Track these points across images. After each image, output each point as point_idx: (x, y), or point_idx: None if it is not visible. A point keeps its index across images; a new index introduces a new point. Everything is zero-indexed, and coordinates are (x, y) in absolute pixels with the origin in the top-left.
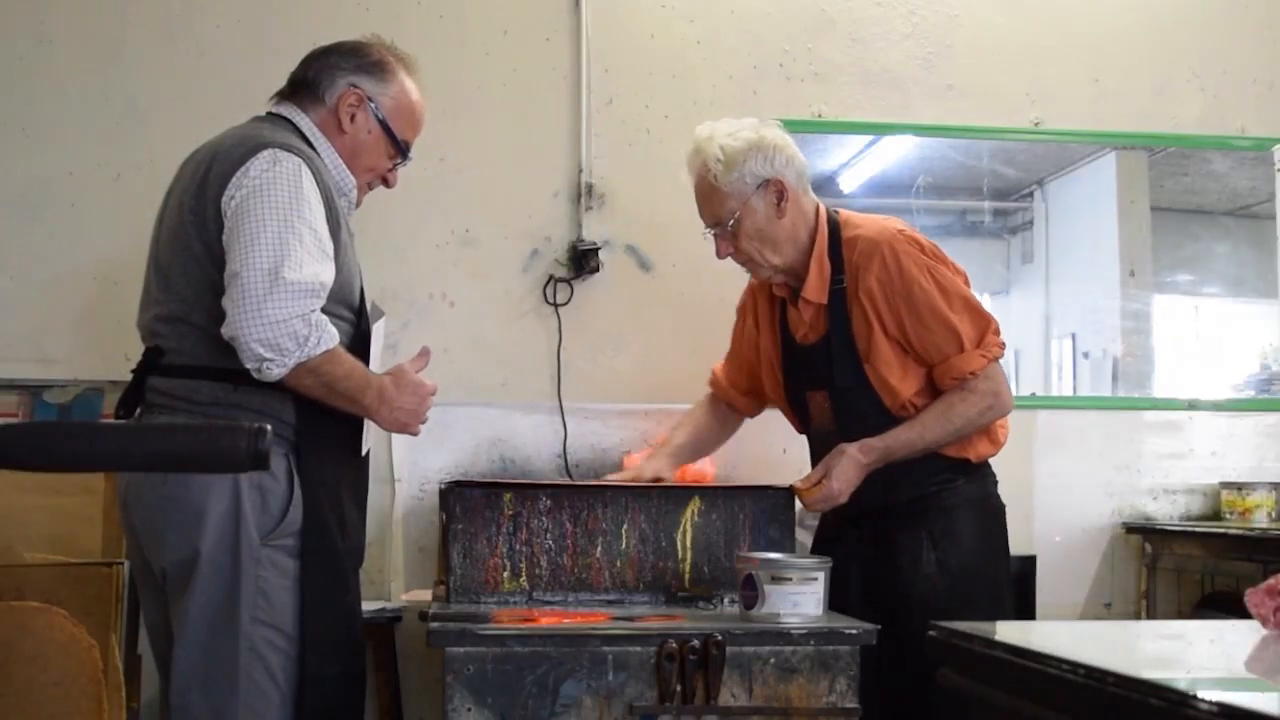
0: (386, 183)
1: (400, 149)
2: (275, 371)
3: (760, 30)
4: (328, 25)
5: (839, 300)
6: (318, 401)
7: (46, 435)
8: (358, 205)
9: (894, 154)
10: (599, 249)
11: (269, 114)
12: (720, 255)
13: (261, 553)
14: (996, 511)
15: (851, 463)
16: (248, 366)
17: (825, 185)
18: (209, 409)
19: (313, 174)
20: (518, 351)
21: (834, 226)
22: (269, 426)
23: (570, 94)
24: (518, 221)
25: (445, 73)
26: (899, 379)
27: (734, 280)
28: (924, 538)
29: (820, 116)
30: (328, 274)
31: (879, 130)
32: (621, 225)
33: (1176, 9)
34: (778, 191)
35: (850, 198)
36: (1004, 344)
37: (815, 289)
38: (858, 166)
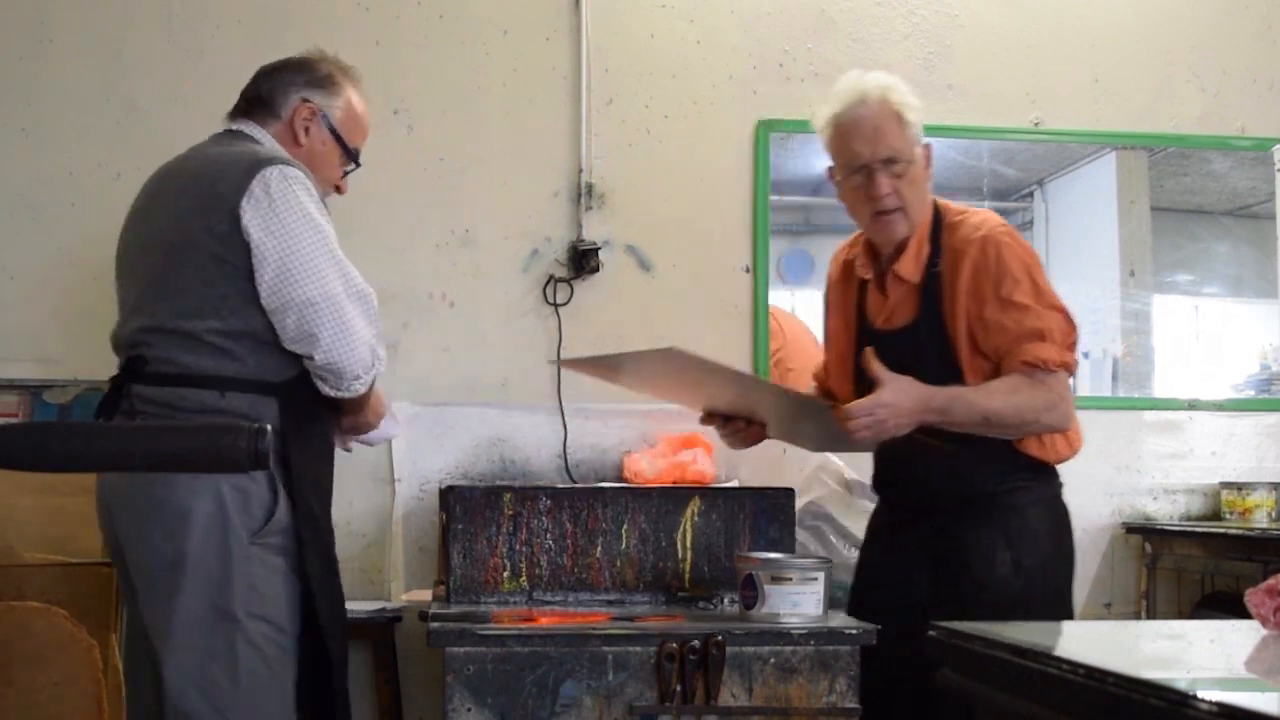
0: (339, 189)
1: (352, 157)
2: (360, 388)
3: (760, 30)
4: (327, 26)
5: (933, 284)
6: (299, 404)
7: (46, 435)
8: (330, 194)
9: None
10: (599, 249)
11: (228, 131)
12: (882, 191)
13: (252, 550)
14: (1064, 515)
15: (909, 396)
16: (337, 389)
17: (825, 185)
18: (195, 415)
19: (313, 184)
20: (518, 351)
21: (937, 212)
22: (269, 426)
23: (570, 94)
24: (518, 221)
25: (445, 72)
26: (969, 366)
27: (734, 281)
28: (998, 536)
29: None
30: (365, 285)
31: None
32: (621, 225)
33: (1176, 9)
34: (927, 157)
35: None
36: (1078, 362)
37: (910, 266)
38: None
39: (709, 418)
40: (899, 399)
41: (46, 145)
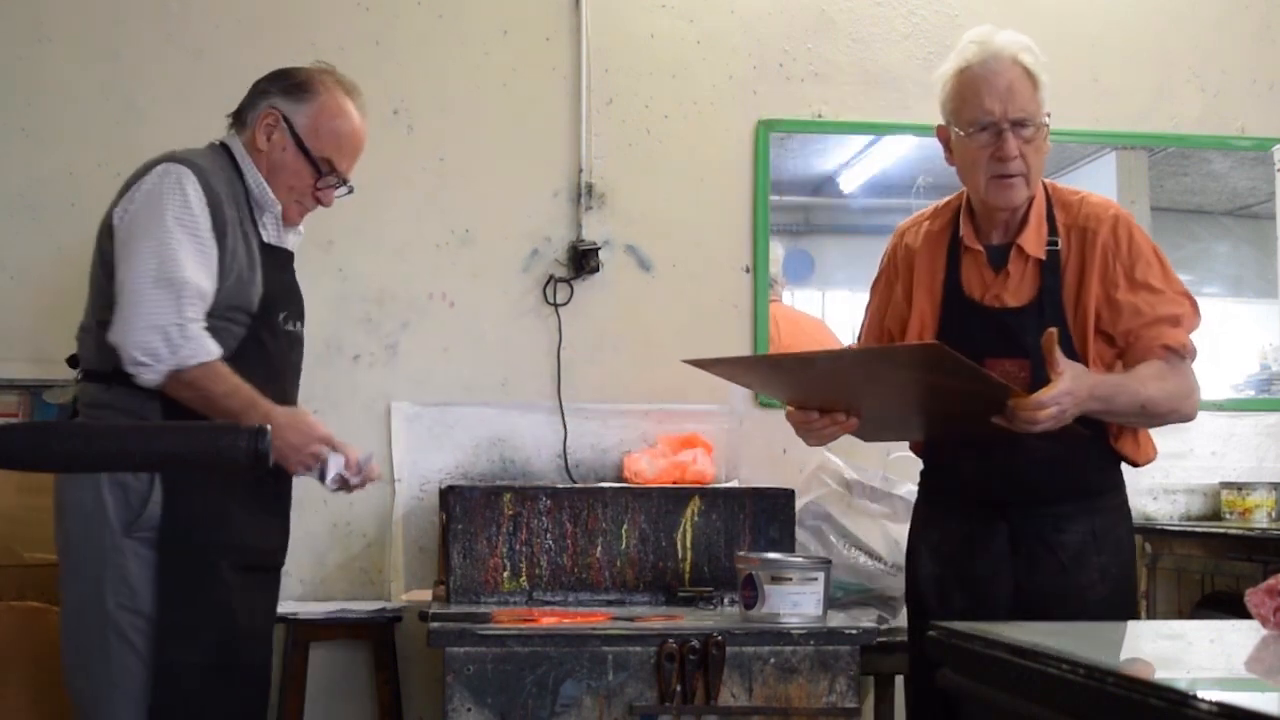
0: (319, 202)
1: (317, 167)
2: (149, 377)
3: (760, 30)
4: (327, 25)
5: (1054, 262)
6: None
7: (46, 435)
8: (293, 223)
9: (894, 154)
10: (599, 249)
11: (213, 144)
12: (1011, 153)
13: (124, 543)
14: (1131, 520)
15: (1083, 384)
16: (128, 370)
17: (825, 185)
18: (89, 410)
19: (202, 182)
20: (518, 351)
21: (1047, 190)
22: (269, 426)
23: (570, 94)
24: (517, 221)
25: (445, 73)
26: (1095, 353)
27: (733, 280)
28: (1089, 539)
29: (820, 116)
30: (207, 282)
31: (879, 130)
32: (621, 225)
33: (1176, 9)
34: (1047, 128)
35: (850, 198)
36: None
37: (1034, 241)
38: (858, 166)
39: (802, 410)
40: (1077, 387)
41: (46, 145)
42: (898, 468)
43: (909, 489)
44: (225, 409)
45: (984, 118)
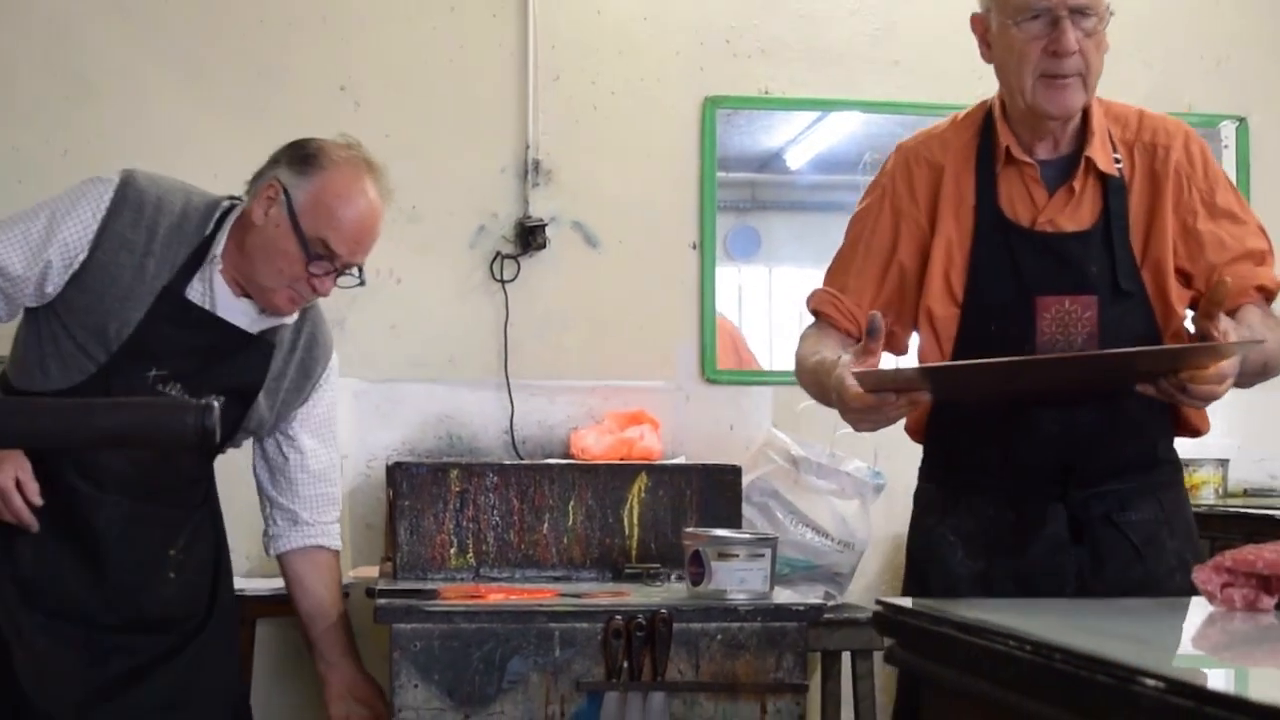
0: (315, 290)
1: (307, 249)
2: None
3: (707, 7)
4: (275, 2)
5: (1118, 181)
6: None
7: None
8: (280, 310)
9: (841, 130)
10: (545, 225)
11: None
12: (1069, 47)
13: None
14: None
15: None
16: None
17: (771, 161)
18: None
19: (117, 197)
20: (464, 328)
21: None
22: (216, 404)
23: (517, 70)
24: (464, 198)
25: (392, 49)
26: (1177, 294)
27: (680, 256)
28: (1160, 520)
29: (767, 93)
30: (16, 263)
31: (825, 106)
32: (568, 201)
33: None
34: (1110, 18)
35: (797, 174)
36: None
37: (1103, 155)
38: (804, 143)
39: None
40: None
41: None
42: (845, 444)
43: (856, 465)
44: None
45: (1037, 3)
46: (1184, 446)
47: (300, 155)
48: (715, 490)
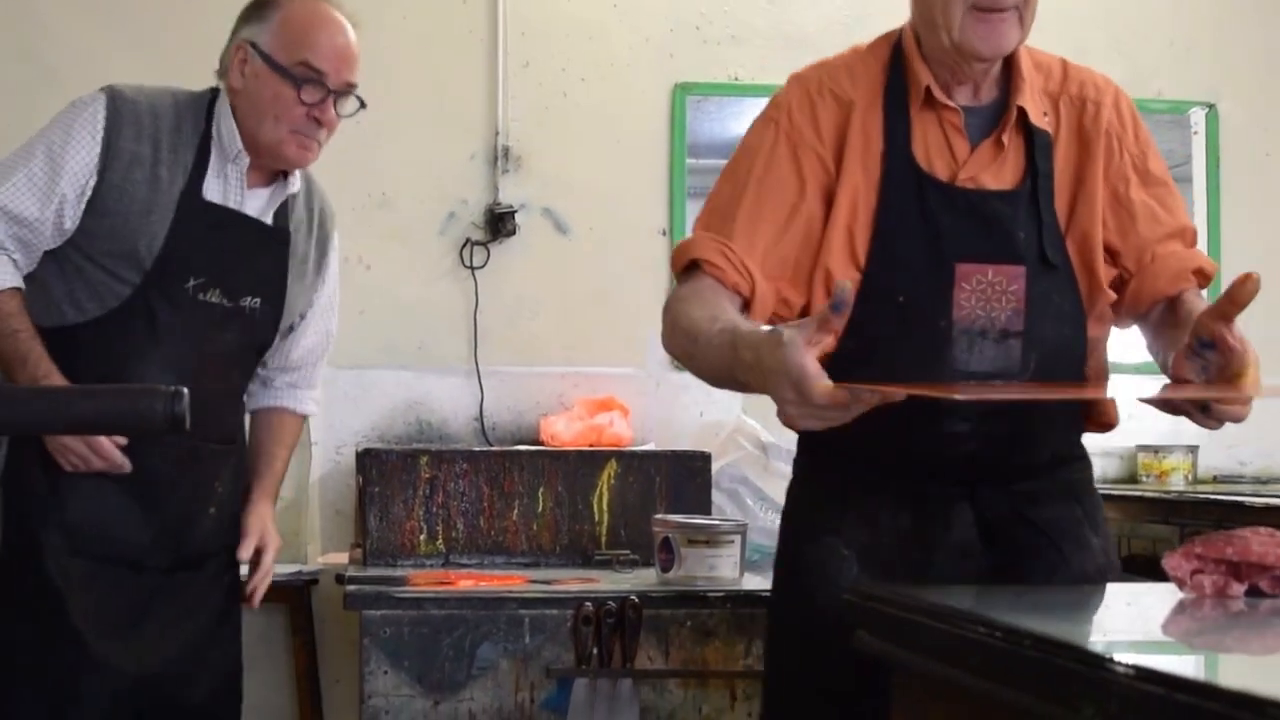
0: (320, 122)
1: (293, 78)
2: None
3: None
4: None
5: (1045, 137)
6: None
7: None
8: (296, 162)
9: None
10: (515, 212)
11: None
12: None
13: None
14: None
15: None
16: None
17: None
18: None
19: (111, 111)
20: (434, 315)
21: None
22: (185, 390)
23: (487, 57)
24: (434, 185)
25: (361, 36)
26: (1102, 266)
27: (650, 243)
28: (1081, 517)
29: (737, 79)
30: (32, 208)
31: None
32: (538, 188)
33: None
34: None
35: None
36: None
37: (1034, 105)
38: None
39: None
40: None
41: None
42: None
43: None
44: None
45: None
46: (1152, 434)
47: (254, 8)
48: (685, 477)
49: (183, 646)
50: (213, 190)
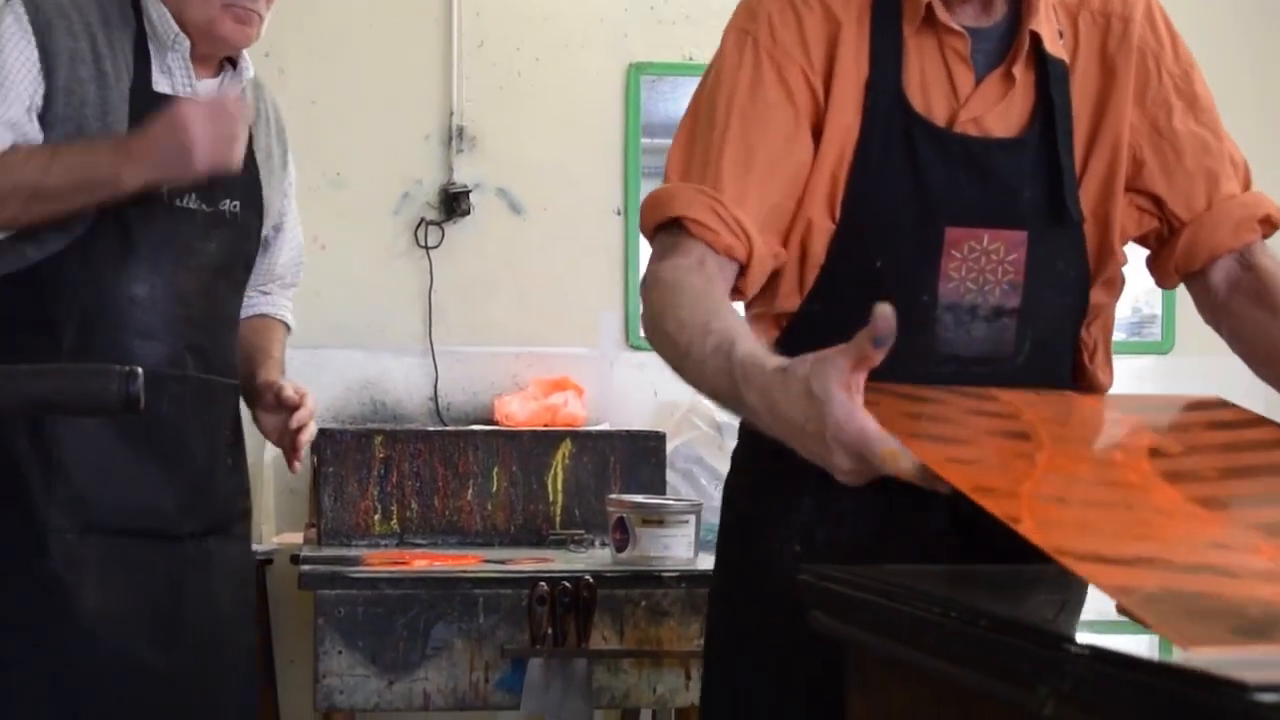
0: (239, 19)
1: None
2: None
3: None
4: None
5: (1060, 67)
6: None
7: None
8: (234, 42)
9: None
10: (470, 192)
11: None
12: None
13: None
14: None
15: None
16: None
17: None
18: None
19: (30, 11)
20: (389, 294)
21: None
22: (140, 370)
23: (441, 37)
24: (388, 164)
25: (315, 15)
26: (1120, 226)
27: (605, 223)
28: None
29: (691, 59)
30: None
31: None
32: (492, 168)
33: None
34: None
35: None
36: None
37: (1050, 31)
38: None
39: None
40: None
41: None
42: None
43: None
44: (54, 186)
45: None
46: None
47: None
48: (639, 456)
49: (213, 631)
50: (161, 84)
